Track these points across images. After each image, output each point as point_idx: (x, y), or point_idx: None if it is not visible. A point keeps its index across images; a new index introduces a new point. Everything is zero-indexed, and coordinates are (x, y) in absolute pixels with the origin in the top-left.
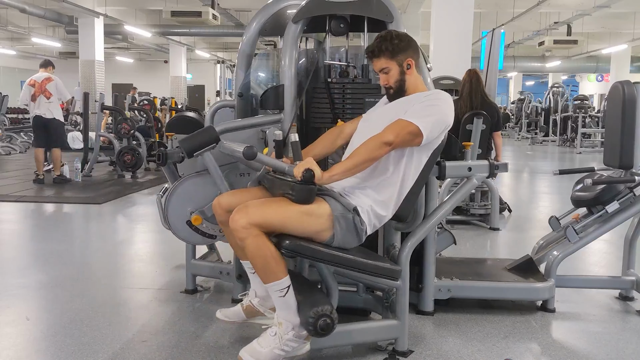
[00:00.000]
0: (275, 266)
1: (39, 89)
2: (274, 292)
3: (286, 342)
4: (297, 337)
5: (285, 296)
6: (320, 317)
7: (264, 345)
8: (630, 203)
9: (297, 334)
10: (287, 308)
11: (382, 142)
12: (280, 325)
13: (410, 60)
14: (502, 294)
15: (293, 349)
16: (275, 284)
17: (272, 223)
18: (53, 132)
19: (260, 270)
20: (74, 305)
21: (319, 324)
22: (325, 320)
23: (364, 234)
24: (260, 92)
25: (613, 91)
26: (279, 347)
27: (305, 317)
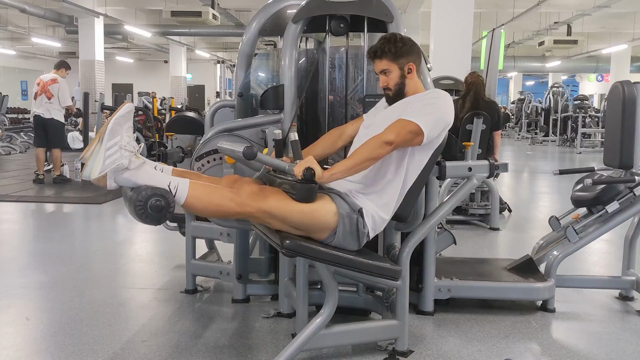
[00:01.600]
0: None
1: (41, 88)
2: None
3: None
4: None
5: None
6: (155, 196)
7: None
8: (630, 203)
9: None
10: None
11: (383, 142)
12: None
13: (412, 64)
14: (502, 294)
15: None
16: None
17: (276, 209)
18: (52, 133)
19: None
20: (74, 305)
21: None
22: (158, 201)
23: (365, 238)
24: (260, 92)
25: (613, 91)
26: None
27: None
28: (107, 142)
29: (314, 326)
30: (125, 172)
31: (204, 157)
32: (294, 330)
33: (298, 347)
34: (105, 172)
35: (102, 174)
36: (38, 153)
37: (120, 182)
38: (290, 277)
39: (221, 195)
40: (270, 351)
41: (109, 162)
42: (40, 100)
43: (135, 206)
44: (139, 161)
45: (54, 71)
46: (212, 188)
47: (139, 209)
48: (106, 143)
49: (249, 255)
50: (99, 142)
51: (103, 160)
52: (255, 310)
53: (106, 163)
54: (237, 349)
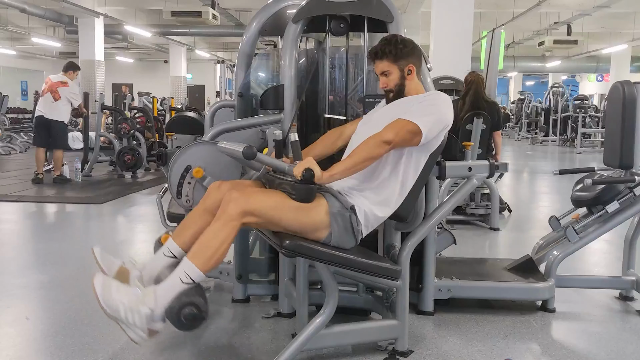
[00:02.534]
0: (216, 259)
1: (49, 87)
2: (185, 274)
3: (135, 311)
4: (147, 318)
5: (183, 285)
6: (185, 306)
7: (121, 293)
8: (630, 203)
9: (149, 316)
10: (171, 292)
11: (381, 141)
12: (148, 295)
13: (412, 66)
14: (502, 294)
15: (132, 323)
16: (196, 270)
17: (268, 212)
18: (55, 134)
19: (204, 249)
20: (74, 305)
21: (183, 312)
22: (191, 310)
23: (360, 235)
24: (260, 92)
25: (613, 91)
26: (126, 307)
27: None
28: (121, 317)
29: (314, 326)
30: (154, 313)
31: (180, 191)
32: (294, 330)
33: (298, 347)
34: (145, 328)
35: (147, 332)
36: (38, 153)
37: (159, 319)
38: (290, 277)
39: (216, 233)
40: (270, 351)
41: (139, 322)
42: (45, 99)
43: (178, 326)
44: (151, 295)
45: (62, 73)
46: (207, 237)
47: (181, 327)
48: (122, 318)
49: (249, 255)
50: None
51: (134, 327)
52: (255, 310)
53: (139, 325)
54: (237, 349)
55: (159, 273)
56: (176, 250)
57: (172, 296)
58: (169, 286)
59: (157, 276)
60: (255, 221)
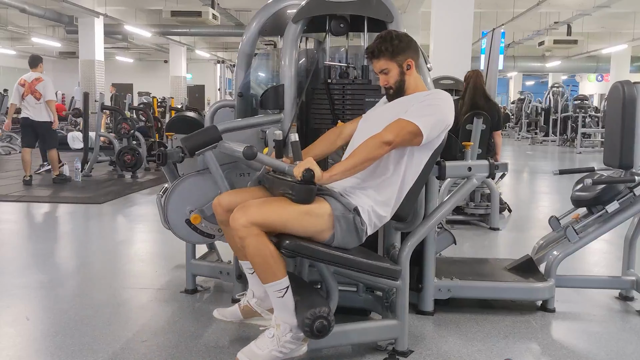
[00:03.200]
0: (274, 266)
1: (28, 89)
2: (273, 293)
3: (284, 344)
4: (295, 339)
5: (283, 297)
6: (317, 319)
7: (262, 347)
8: (630, 203)
9: (294, 336)
10: (285, 309)
11: (381, 142)
12: (278, 327)
13: (410, 60)
14: (502, 294)
15: (291, 350)
16: (274, 284)
17: (272, 222)
18: (44, 134)
19: (260, 270)
20: (74, 305)
21: (315, 326)
22: (322, 322)
23: (364, 234)
24: (260, 92)
25: (613, 91)
26: (277, 349)
27: (302, 319)
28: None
29: None
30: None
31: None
32: None
33: None
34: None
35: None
36: (24, 155)
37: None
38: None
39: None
40: None
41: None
42: (28, 101)
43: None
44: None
45: (33, 70)
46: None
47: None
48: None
49: None
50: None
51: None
52: None
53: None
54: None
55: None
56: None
57: (290, 312)
58: (280, 308)
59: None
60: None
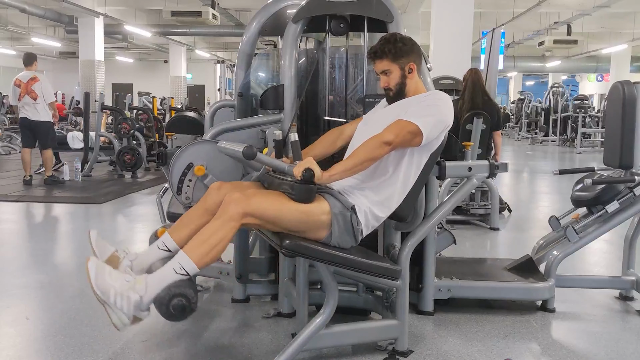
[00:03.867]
0: (212, 256)
1: (24, 89)
2: (177, 264)
3: (125, 297)
4: (135, 305)
5: (176, 276)
6: (175, 296)
7: (114, 278)
8: (630, 203)
9: (138, 303)
10: (162, 281)
11: (382, 142)
12: (139, 283)
13: (413, 64)
14: (502, 294)
15: (119, 307)
16: (191, 263)
17: (268, 213)
18: (42, 134)
19: (202, 245)
20: (74, 305)
21: (172, 303)
22: (180, 300)
23: (360, 235)
24: (260, 92)
25: (613, 91)
26: (116, 292)
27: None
28: (109, 301)
29: (314, 326)
30: (142, 300)
31: (180, 188)
32: (294, 330)
33: (298, 347)
34: (131, 315)
35: (131, 318)
36: (24, 155)
37: (146, 307)
38: (290, 277)
39: (215, 231)
40: (270, 351)
41: (126, 309)
42: (25, 101)
43: (166, 316)
44: (142, 283)
45: (27, 68)
46: (205, 234)
47: (168, 317)
48: (111, 303)
49: (249, 255)
50: (102, 304)
51: (120, 312)
52: (255, 310)
53: (125, 311)
54: (237, 349)
55: (150, 264)
56: (171, 245)
57: (163, 286)
58: (162, 276)
59: (149, 267)
60: (255, 222)
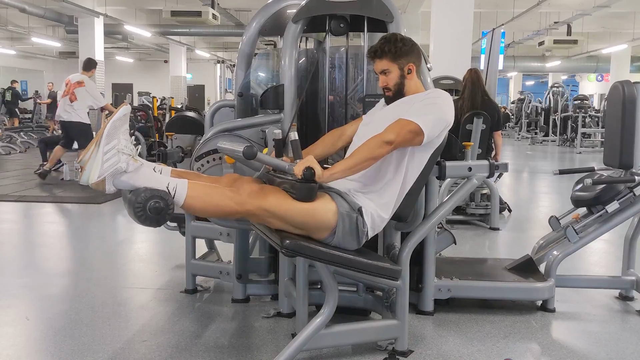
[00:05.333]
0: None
1: (67, 90)
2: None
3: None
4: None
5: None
6: (154, 197)
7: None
8: (630, 203)
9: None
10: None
11: (383, 141)
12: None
13: (412, 65)
14: (502, 294)
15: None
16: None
17: (277, 208)
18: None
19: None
20: (74, 305)
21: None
22: (157, 203)
23: (364, 237)
24: (260, 92)
25: (613, 91)
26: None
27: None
28: (105, 146)
29: (314, 326)
30: (123, 175)
31: (204, 157)
32: (294, 330)
33: (298, 347)
34: (104, 176)
35: (101, 178)
36: (56, 150)
37: (119, 185)
38: (290, 277)
39: (221, 194)
40: (270, 351)
41: (107, 165)
42: (63, 102)
43: (135, 208)
44: (137, 164)
45: (83, 72)
46: (211, 188)
47: (138, 211)
48: (103, 147)
49: (249, 255)
50: (96, 146)
51: (101, 164)
52: (255, 310)
53: (104, 167)
54: (237, 349)
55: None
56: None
57: (149, 184)
58: (154, 178)
59: None
60: (261, 214)
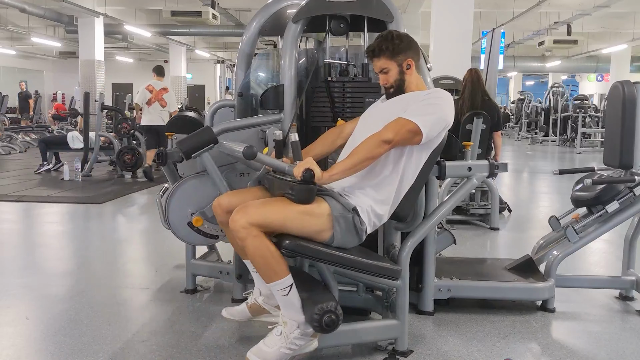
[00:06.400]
0: (276, 265)
1: (155, 96)
2: (277, 292)
3: (292, 341)
4: (303, 335)
5: (288, 295)
6: (325, 314)
7: (271, 345)
8: (630, 203)
9: (302, 332)
10: (291, 306)
11: (381, 141)
12: (285, 325)
13: (410, 60)
14: (502, 294)
15: (300, 347)
16: (277, 283)
17: (271, 223)
18: (162, 139)
19: (262, 270)
20: (74, 305)
21: (324, 321)
22: (330, 317)
23: (364, 234)
24: (260, 92)
25: (613, 91)
26: (286, 346)
27: (310, 314)
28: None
29: None
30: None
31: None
32: None
33: None
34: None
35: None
36: (149, 154)
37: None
38: None
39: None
40: None
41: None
42: (154, 107)
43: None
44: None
45: (159, 78)
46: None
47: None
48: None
49: None
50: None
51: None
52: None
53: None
54: (237, 349)
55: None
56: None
57: (297, 309)
58: (286, 306)
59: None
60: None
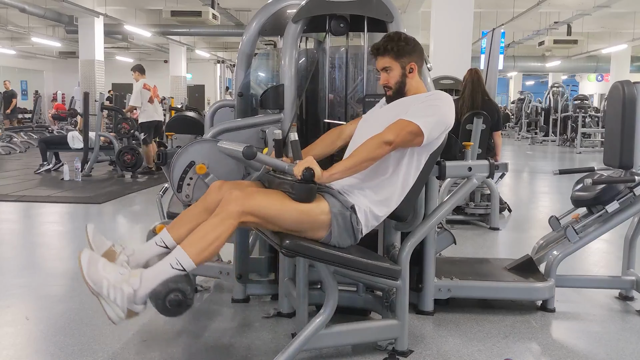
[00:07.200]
0: (209, 252)
1: (154, 93)
2: (174, 259)
3: (118, 289)
4: (128, 299)
5: (172, 271)
6: (171, 291)
7: (107, 270)
8: (630, 203)
9: (131, 297)
10: (158, 276)
11: (382, 142)
12: (134, 276)
13: (414, 64)
14: (502, 294)
15: (112, 300)
16: (188, 259)
17: (267, 212)
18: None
19: (198, 239)
20: (74, 305)
21: (168, 297)
22: (176, 295)
23: (359, 234)
24: (260, 92)
25: (613, 91)
26: (109, 284)
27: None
28: (102, 293)
29: (314, 326)
30: (137, 295)
31: (181, 185)
32: (294, 330)
33: (298, 347)
34: (125, 309)
35: (125, 312)
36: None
37: (142, 302)
38: (290, 277)
39: (213, 227)
40: (270, 351)
41: (120, 301)
42: (156, 105)
43: (162, 311)
44: (136, 277)
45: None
46: (203, 231)
47: (164, 312)
48: (104, 295)
49: (249, 255)
50: (96, 296)
51: (114, 304)
52: (255, 310)
53: (119, 304)
54: (237, 349)
55: (147, 260)
56: (169, 242)
57: (159, 281)
58: (158, 271)
59: (145, 262)
60: (254, 221)
